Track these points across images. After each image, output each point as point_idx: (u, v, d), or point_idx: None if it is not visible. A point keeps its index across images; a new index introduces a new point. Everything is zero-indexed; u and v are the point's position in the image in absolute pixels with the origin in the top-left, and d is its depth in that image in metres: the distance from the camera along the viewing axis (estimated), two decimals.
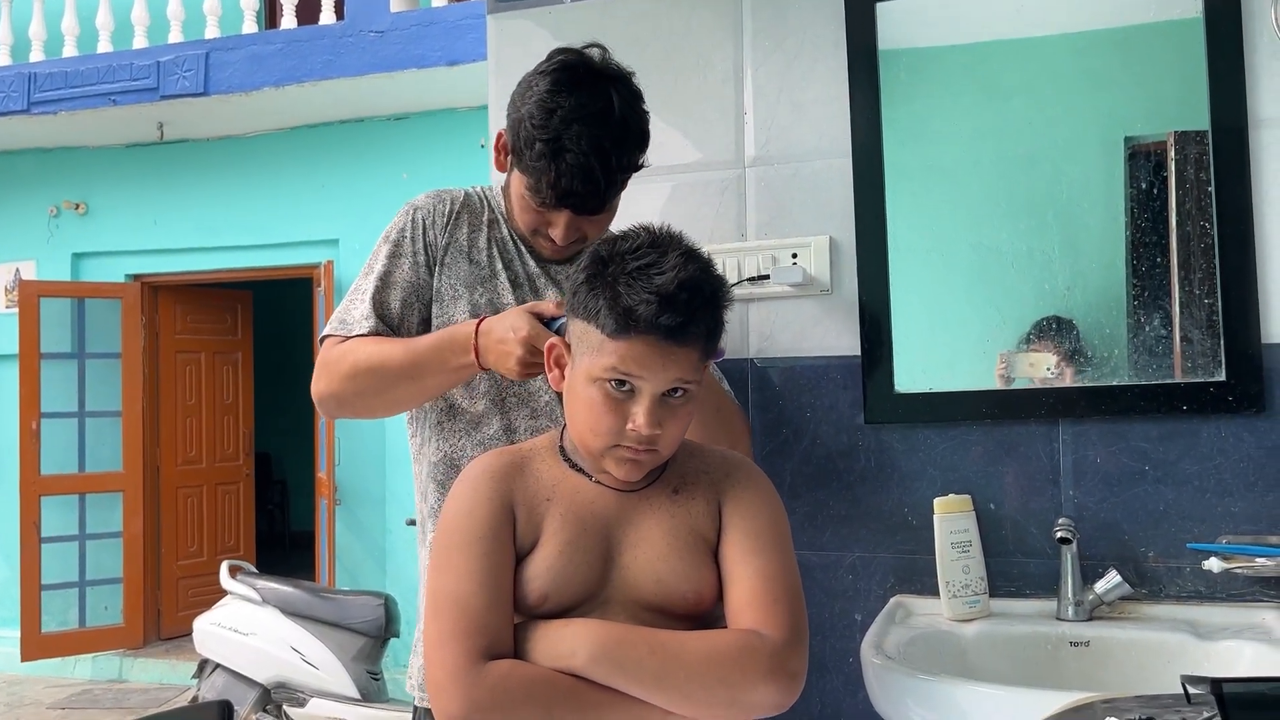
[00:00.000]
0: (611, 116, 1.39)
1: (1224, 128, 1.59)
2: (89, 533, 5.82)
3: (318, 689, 3.97)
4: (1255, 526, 1.55)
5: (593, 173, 1.38)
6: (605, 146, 1.38)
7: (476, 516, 1.14)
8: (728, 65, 1.84)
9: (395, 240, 1.52)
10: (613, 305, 1.09)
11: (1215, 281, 1.58)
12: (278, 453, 9.22)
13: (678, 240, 1.15)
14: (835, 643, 1.74)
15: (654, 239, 1.14)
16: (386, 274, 1.50)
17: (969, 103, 1.75)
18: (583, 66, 1.41)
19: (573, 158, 1.37)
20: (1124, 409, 1.61)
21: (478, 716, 1.06)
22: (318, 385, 1.48)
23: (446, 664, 1.07)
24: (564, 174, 1.38)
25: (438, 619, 1.11)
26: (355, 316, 1.49)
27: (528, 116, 1.39)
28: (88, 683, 5.71)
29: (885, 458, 1.73)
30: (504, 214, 1.56)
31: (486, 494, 1.16)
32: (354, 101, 5.26)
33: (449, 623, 1.09)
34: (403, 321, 1.50)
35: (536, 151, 1.38)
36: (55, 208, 6.03)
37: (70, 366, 5.81)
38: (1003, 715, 1.25)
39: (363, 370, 1.44)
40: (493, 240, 1.54)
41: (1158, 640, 1.49)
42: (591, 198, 1.41)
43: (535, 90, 1.40)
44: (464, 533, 1.13)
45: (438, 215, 1.53)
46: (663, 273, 1.09)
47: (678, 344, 1.10)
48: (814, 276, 1.77)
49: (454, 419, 1.51)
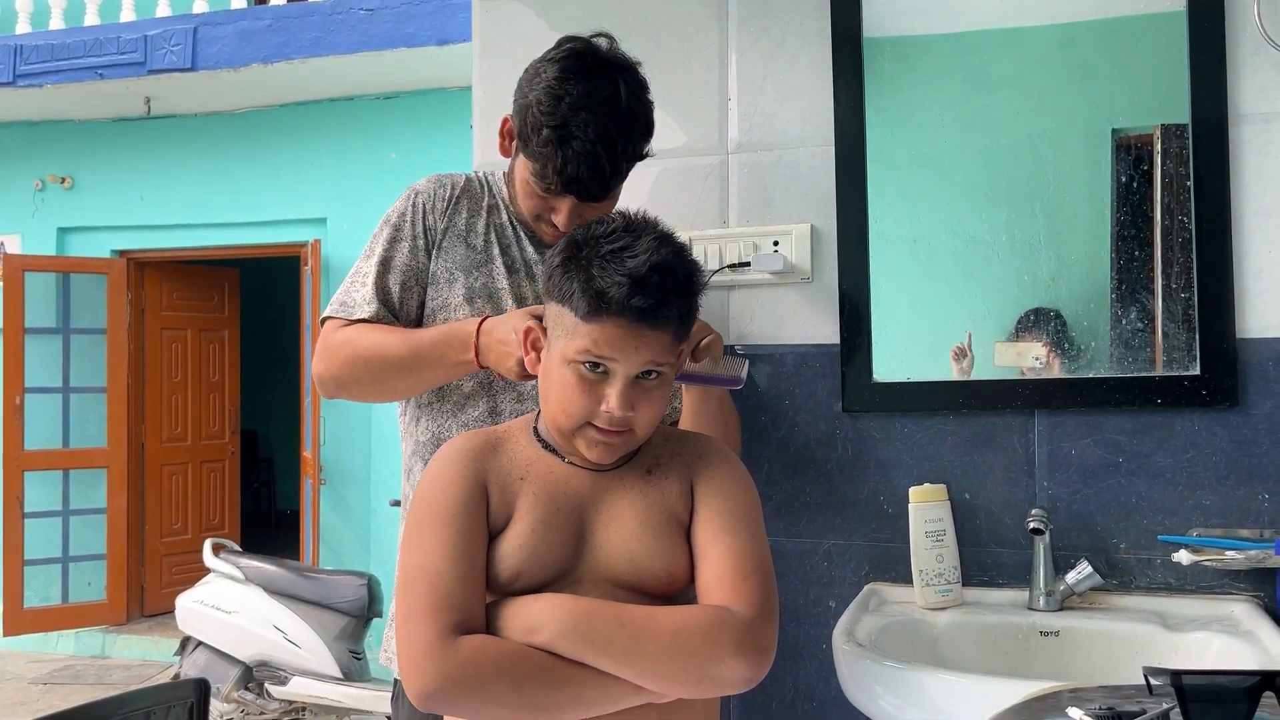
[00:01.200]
0: (618, 105, 1.41)
1: (1204, 122, 1.59)
2: (73, 508, 5.81)
3: (300, 668, 3.99)
4: (1226, 520, 1.56)
5: (598, 160, 1.40)
6: (611, 135, 1.40)
7: (449, 494, 1.15)
8: (712, 51, 1.83)
9: (395, 224, 1.54)
10: (585, 288, 1.11)
11: (1192, 276, 1.59)
12: (264, 431, 9.21)
13: (652, 225, 1.16)
14: (809, 629, 1.75)
15: (629, 224, 1.15)
16: (387, 258, 1.53)
17: (955, 92, 1.75)
18: (591, 55, 1.43)
19: (579, 145, 1.39)
20: (1100, 401, 1.62)
21: (449, 692, 1.06)
22: (318, 367, 1.51)
23: (418, 639, 1.08)
24: (570, 161, 1.39)
25: (409, 594, 1.11)
26: (357, 300, 1.52)
27: (535, 103, 1.40)
28: (70, 658, 5.71)
29: (862, 446, 1.74)
30: (505, 199, 1.58)
31: (460, 472, 1.17)
32: (343, 79, 5.23)
33: (420, 598, 1.10)
34: (402, 305, 1.52)
35: (543, 138, 1.39)
36: (41, 181, 5.99)
37: (55, 342, 5.78)
38: (971, 704, 1.26)
39: (362, 358, 1.47)
40: (491, 225, 1.55)
41: (1127, 631, 1.50)
42: (596, 185, 1.42)
43: (543, 77, 1.41)
44: (436, 510, 1.14)
45: (437, 199, 1.55)
46: (635, 256, 1.11)
47: (650, 326, 1.12)
48: (795, 264, 1.77)
49: (442, 400, 1.53)
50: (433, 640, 1.07)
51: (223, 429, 6.62)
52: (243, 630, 4.04)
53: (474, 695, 1.07)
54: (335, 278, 5.49)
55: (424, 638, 1.08)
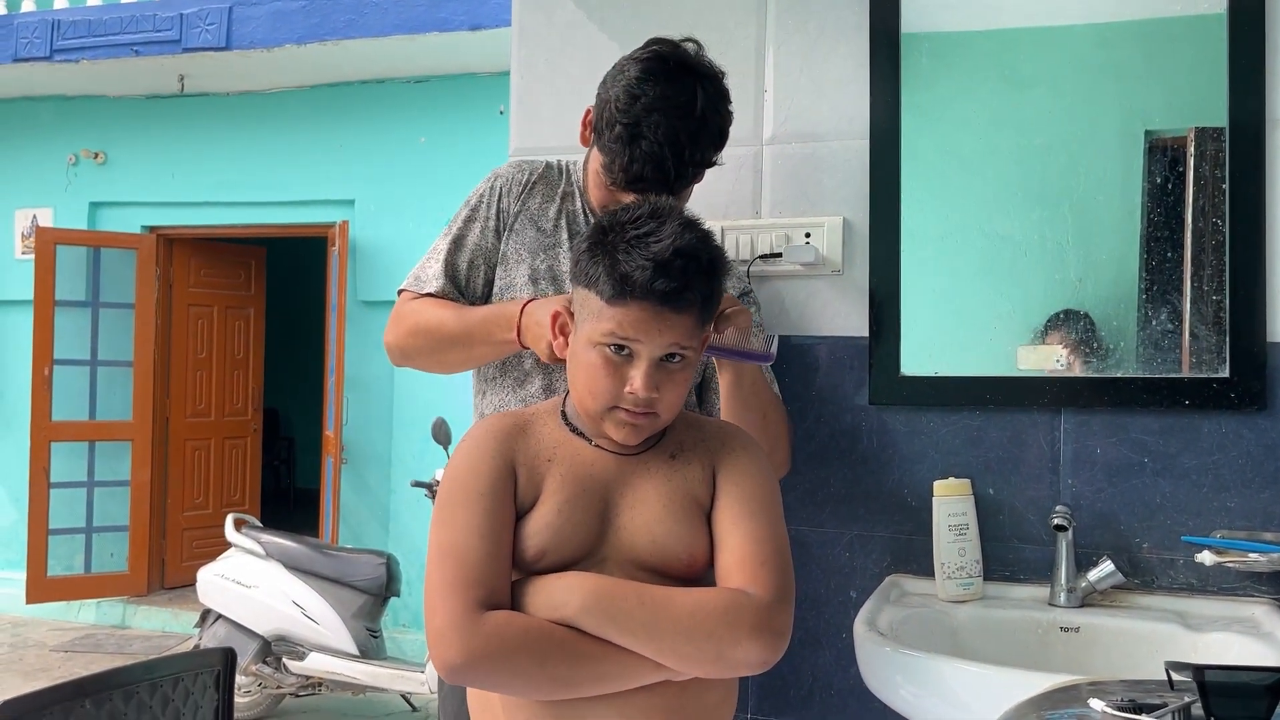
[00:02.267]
0: (693, 111, 1.44)
1: (1242, 125, 1.59)
2: (97, 480, 5.88)
3: (317, 644, 4.03)
4: (1250, 522, 1.57)
5: (664, 163, 1.43)
6: (681, 139, 1.43)
7: (479, 473, 1.18)
8: (749, 43, 1.84)
9: (474, 205, 1.62)
10: (610, 272, 1.14)
11: (1224, 279, 1.59)
12: (286, 410, 9.28)
13: (678, 211, 1.19)
14: (830, 618, 1.77)
15: (654, 210, 1.18)
16: (460, 236, 1.61)
17: (989, 90, 1.75)
18: (674, 59, 1.47)
19: (647, 145, 1.42)
20: (1126, 401, 1.63)
21: (475, 664, 1.09)
22: (387, 336, 1.62)
23: (446, 614, 1.11)
24: (636, 159, 1.43)
25: (439, 570, 1.14)
26: (429, 275, 1.60)
27: (613, 99, 1.45)
28: (91, 627, 5.79)
29: (887, 439, 1.75)
30: (581, 187, 1.63)
31: (490, 452, 1.20)
32: (375, 62, 5.25)
33: (449, 574, 1.13)
34: (469, 283, 1.60)
35: (615, 134, 1.44)
36: (74, 156, 6.04)
37: (84, 315, 5.84)
38: (989, 694, 1.27)
39: (423, 330, 1.56)
40: (564, 211, 1.61)
41: (1147, 629, 1.51)
42: (659, 186, 1.45)
43: (625, 75, 1.46)
44: (466, 489, 1.17)
45: (515, 183, 1.62)
46: (660, 240, 1.14)
47: (673, 310, 1.14)
48: (826, 257, 1.78)
49: (504, 375, 1.60)
50: (459, 615, 1.10)
51: (245, 406, 6.67)
52: (262, 605, 4.08)
53: (498, 669, 1.10)
54: (362, 259, 5.52)
55: (451, 612, 1.11)
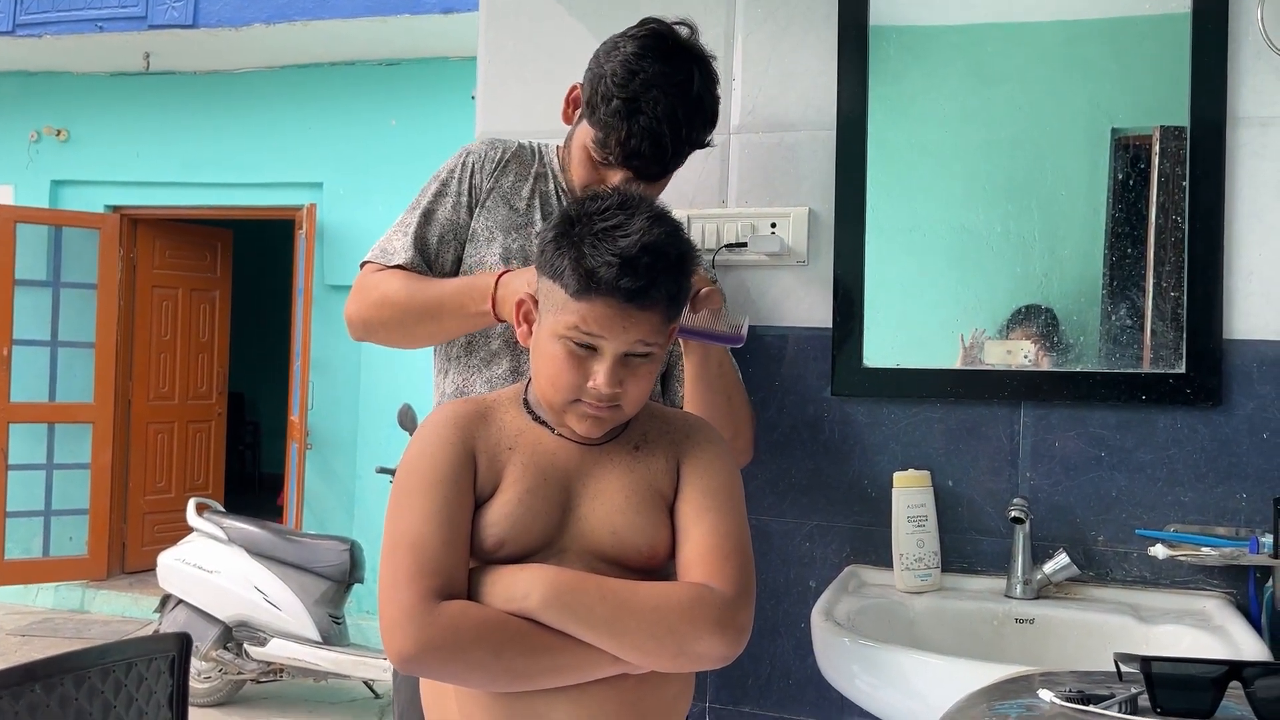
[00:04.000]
0: (690, 90, 1.45)
1: (1202, 124, 1.60)
2: (56, 462, 5.80)
3: (279, 629, 4.01)
4: (1203, 517, 1.59)
5: (662, 139, 1.43)
6: (678, 117, 1.44)
7: (437, 461, 1.16)
8: (718, 30, 1.84)
9: (444, 179, 1.59)
10: (576, 266, 1.11)
11: (1183, 276, 1.61)
12: (251, 394, 9.19)
13: (647, 203, 1.17)
14: (788, 607, 1.77)
15: (623, 200, 1.15)
16: (430, 210, 1.58)
17: (957, 84, 1.75)
18: (671, 38, 1.47)
19: (646, 120, 1.42)
20: (1085, 395, 1.64)
21: (428, 656, 1.08)
22: (349, 307, 1.56)
23: (400, 603, 1.09)
24: (635, 134, 1.43)
25: (393, 558, 1.12)
26: (396, 247, 1.56)
27: (610, 73, 1.44)
28: (49, 611, 5.72)
29: (849, 430, 1.76)
30: (555, 169, 1.61)
31: (448, 439, 1.17)
32: (345, 43, 5.20)
33: (404, 562, 1.11)
34: (438, 257, 1.57)
35: (612, 108, 1.43)
36: (36, 133, 5.94)
37: (45, 295, 5.75)
38: (944, 684, 1.27)
39: (389, 302, 1.51)
40: (536, 191, 1.60)
41: (1100, 621, 1.52)
42: (655, 163, 1.46)
43: (621, 51, 1.45)
44: (423, 476, 1.15)
45: (487, 160, 1.59)
46: (627, 235, 1.11)
47: (638, 307, 1.12)
48: (791, 247, 1.78)
49: (469, 354, 1.57)
50: (414, 604, 1.09)
51: (210, 390, 6.61)
52: (223, 590, 4.05)
53: (453, 659, 1.08)
54: (330, 243, 5.47)
55: (406, 601, 1.09)
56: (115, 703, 1.56)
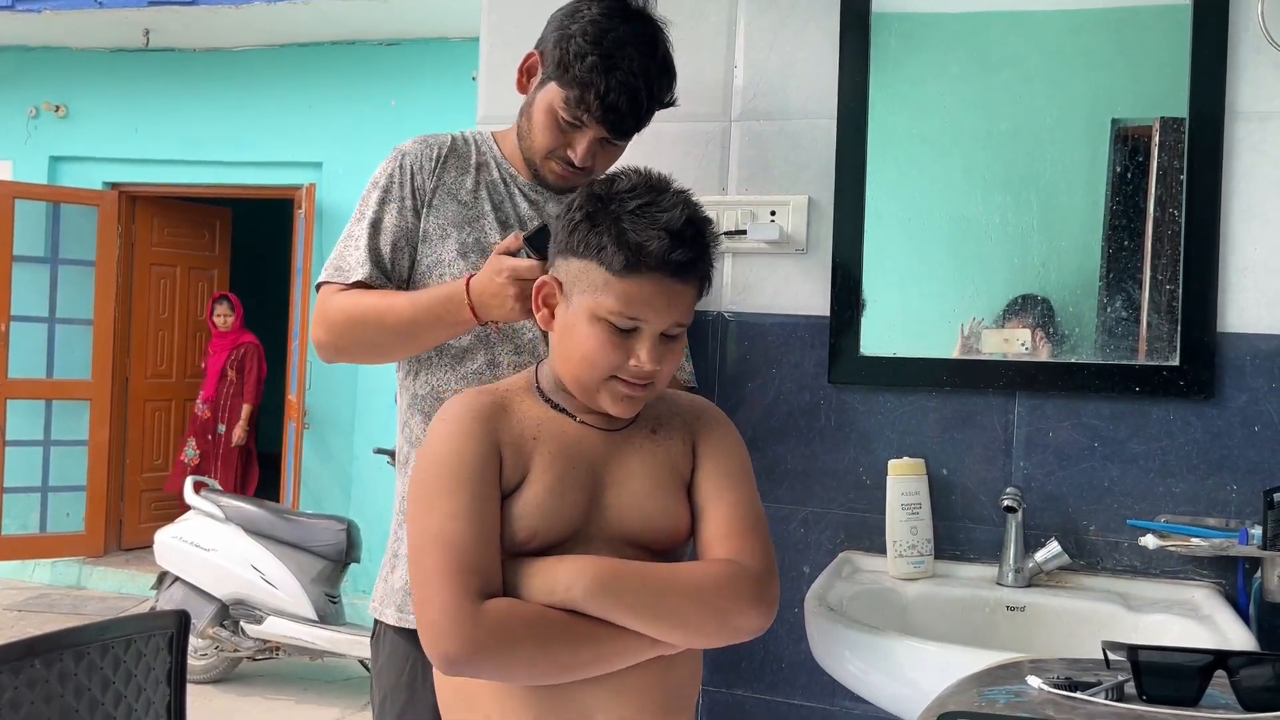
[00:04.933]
0: (657, 49, 1.48)
1: (1202, 117, 1.61)
2: (54, 439, 5.80)
3: (275, 608, 4.02)
4: (1193, 508, 1.60)
5: (638, 94, 1.45)
6: (651, 73, 1.47)
7: (464, 456, 1.13)
8: (721, 17, 1.84)
9: (384, 186, 1.55)
10: (620, 242, 1.11)
11: (1179, 269, 1.62)
12: None
13: (669, 182, 1.17)
14: (783, 592, 1.76)
15: (648, 180, 1.16)
16: (377, 219, 1.53)
17: (958, 72, 1.76)
18: (632, 3, 1.49)
19: (622, 76, 1.44)
20: (1080, 386, 1.65)
21: (478, 656, 1.06)
22: (316, 333, 1.51)
23: (442, 604, 1.07)
24: (613, 89, 1.44)
25: (427, 558, 1.09)
26: (351, 263, 1.52)
27: (579, 33, 1.45)
28: (46, 587, 5.74)
29: (845, 417, 1.77)
30: (497, 156, 1.58)
31: (473, 433, 1.15)
32: (346, 22, 5.17)
33: (439, 562, 1.08)
34: (394, 266, 1.53)
35: (588, 64, 1.44)
36: (35, 108, 5.92)
37: (43, 271, 5.74)
38: (935, 671, 1.29)
39: (358, 322, 1.48)
40: (481, 182, 1.56)
41: (1090, 609, 1.54)
42: (630, 119, 1.48)
43: (587, 14, 1.47)
44: (451, 472, 1.13)
45: (425, 159, 1.55)
46: (665, 210, 1.11)
47: (682, 281, 1.13)
48: (790, 235, 1.79)
49: (440, 354, 1.53)
50: (457, 605, 1.06)
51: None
52: (220, 568, 4.07)
53: (502, 658, 1.07)
54: (328, 222, 5.46)
55: (448, 602, 1.06)
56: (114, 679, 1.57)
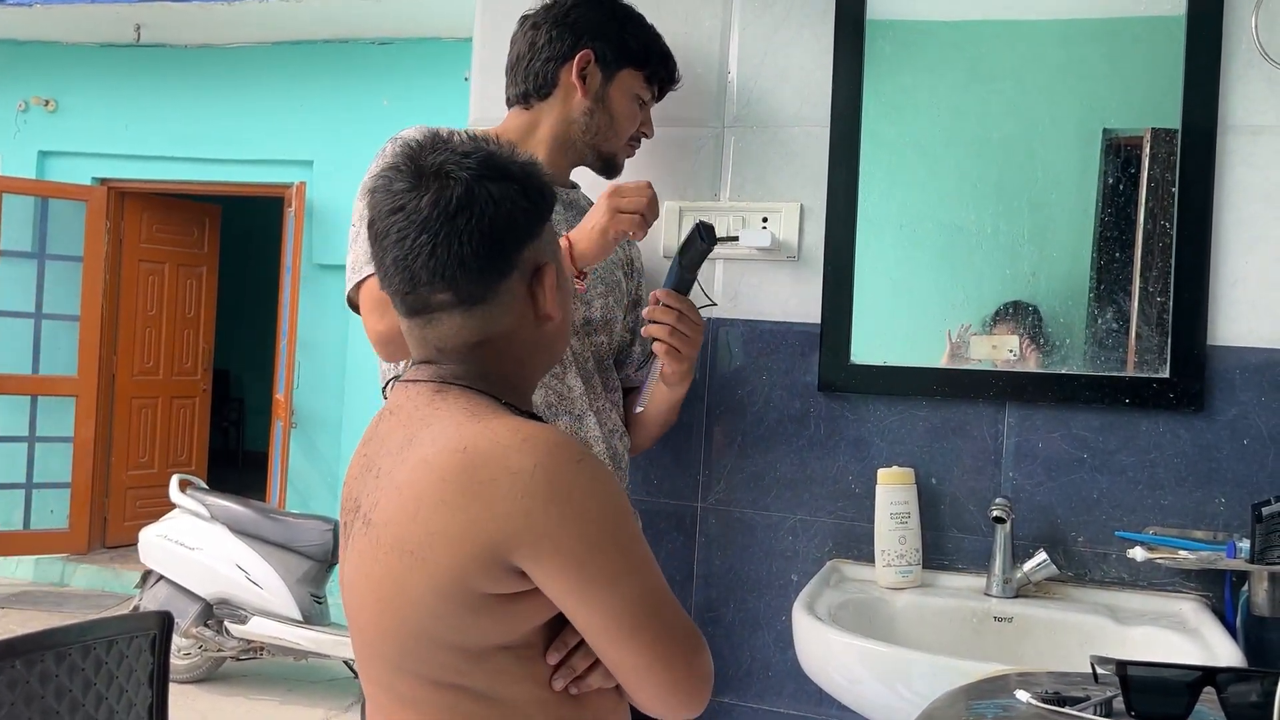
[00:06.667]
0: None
1: (1194, 129, 1.61)
2: (39, 435, 5.77)
3: (260, 608, 4.00)
4: (1182, 520, 1.60)
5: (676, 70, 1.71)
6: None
7: (628, 502, 1.06)
8: (715, 23, 1.83)
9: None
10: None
11: (1169, 280, 1.62)
12: (237, 371, 9.16)
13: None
14: (771, 600, 1.78)
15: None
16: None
17: (952, 80, 1.75)
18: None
19: (664, 43, 1.67)
20: (1070, 397, 1.65)
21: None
22: (380, 326, 1.39)
23: (705, 663, 1.03)
24: (668, 56, 1.67)
25: (665, 618, 1.01)
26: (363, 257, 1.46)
27: (624, 18, 1.61)
28: (29, 584, 5.70)
29: (835, 426, 1.76)
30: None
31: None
32: (339, 21, 5.16)
33: (681, 620, 1.03)
34: None
35: (648, 41, 1.63)
36: (24, 103, 5.88)
37: (29, 266, 5.71)
38: (923, 681, 1.29)
39: None
40: None
41: (1077, 621, 1.54)
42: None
43: (605, 5, 1.61)
44: (632, 521, 1.04)
45: None
46: None
47: None
48: (782, 242, 1.79)
49: None
50: (709, 667, 1.04)
51: (195, 366, 6.58)
52: (205, 567, 4.05)
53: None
54: (319, 221, 5.44)
55: (702, 668, 1.03)
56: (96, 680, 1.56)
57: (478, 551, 0.95)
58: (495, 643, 1.00)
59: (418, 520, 0.97)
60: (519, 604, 0.99)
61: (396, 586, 0.99)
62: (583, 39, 1.56)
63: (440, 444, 0.98)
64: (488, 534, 0.95)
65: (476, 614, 0.97)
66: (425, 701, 1.01)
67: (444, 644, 0.99)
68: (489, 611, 0.98)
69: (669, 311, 1.49)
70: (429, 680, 1.00)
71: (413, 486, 0.98)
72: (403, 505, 0.99)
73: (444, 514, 0.96)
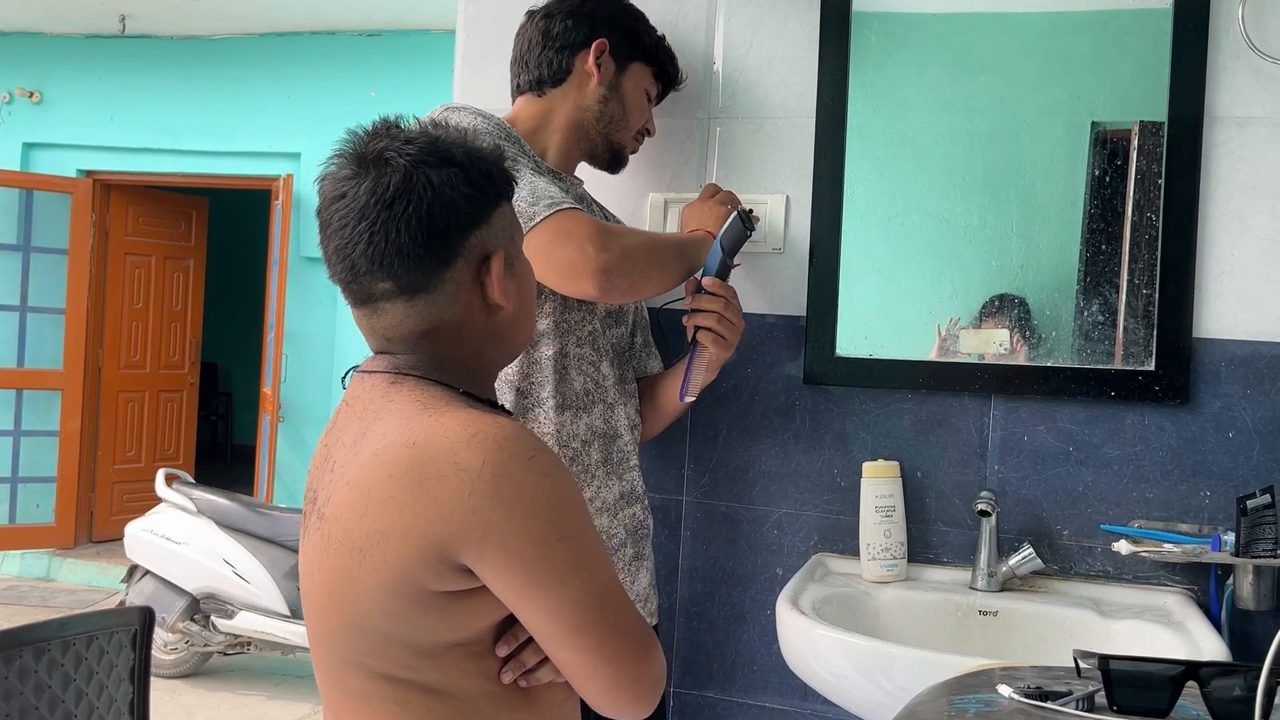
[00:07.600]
0: None
1: (1180, 121, 1.60)
2: (24, 429, 5.74)
3: (247, 602, 3.99)
4: (1167, 514, 1.60)
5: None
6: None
7: (579, 497, 1.03)
8: (700, 14, 1.82)
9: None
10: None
11: (1156, 273, 1.61)
12: (225, 364, 9.12)
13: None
14: (755, 594, 1.78)
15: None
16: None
17: (939, 72, 1.74)
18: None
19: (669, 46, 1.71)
20: (1055, 390, 1.65)
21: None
22: (602, 257, 1.36)
23: (650, 674, 1.02)
24: (677, 65, 1.72)
25: (617, 614, 0.99)
26: (556, 194, 1.43)
27: (638, 16, 1.65)
28: (14, 579, 5.68)
29: (820, 419, 1.76)
30: (533, 153, 1.57)
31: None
32: (326, 12, 5.13)
33: (635, 619, 1.01)
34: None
35: (664, 47, 1.68)
36: (8, 94, 5.84)
37: (14, 259, 5.68)
38: (907, 676, 1.28)
39: (647, 245, 1.49)
40: (542, 172, 1.56)
41: (1062, 615, 1.53)
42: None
43: (624, 2, 1.66)
44: (586, 513, 1.01)
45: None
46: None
47: None
48: (767, 233, 1.78)
49: None
50: (660, 672, 1.03)
51: (182, 359, 6.55)
52: (192, 562, 4.03)
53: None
54: (306, 214, 5.42)
55: (653, 672, 1.01)
56: (75, 675, 1.55)
57: (425, 549, 0.94)
58: (446, 639, 0.98)
59: (367, 516, 0.96)
60: (470, 601, 0.97)
61: (347, 582, 0.98)
62: (598, 29, 1.59)
63: (390, 438, 0.97)
64: (434, 532, 0.93)
65: (426, 611, 0.96)
66: (375, 696, 1.00)
67: (394, 640, 0.98)
68: (439, 609, 0.96)
69: (716, 300, 1.48)
70: (379, 674, 0.99)
71: (363, 483, 0.97)
72: (353, 501, 0.97)
73: (392, 511, 0.94)
